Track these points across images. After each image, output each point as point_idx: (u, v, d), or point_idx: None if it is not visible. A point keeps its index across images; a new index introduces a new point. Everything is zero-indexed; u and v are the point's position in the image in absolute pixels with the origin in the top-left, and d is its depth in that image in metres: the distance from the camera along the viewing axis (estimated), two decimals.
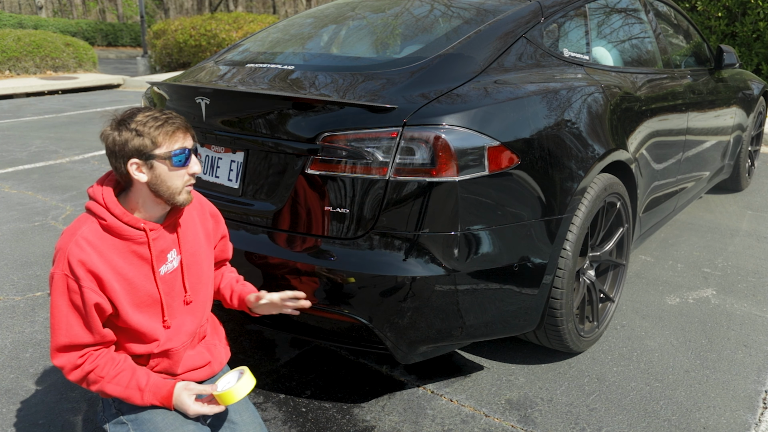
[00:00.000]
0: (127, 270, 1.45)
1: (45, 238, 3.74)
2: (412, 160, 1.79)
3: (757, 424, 2.06)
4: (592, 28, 2.71)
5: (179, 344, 1.57)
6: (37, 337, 2.57)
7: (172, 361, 1.57)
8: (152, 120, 1.40)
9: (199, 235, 1.63)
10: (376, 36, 2.58)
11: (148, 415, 1.49)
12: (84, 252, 1.39)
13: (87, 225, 1.43)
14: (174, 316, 1.56)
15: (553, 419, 2.07)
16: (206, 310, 1.67)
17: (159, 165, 1.41)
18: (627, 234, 2.63)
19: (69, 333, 1.41)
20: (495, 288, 1.97)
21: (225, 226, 1.78)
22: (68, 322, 1.41)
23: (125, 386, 1.46)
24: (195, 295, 1.61)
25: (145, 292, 1.49)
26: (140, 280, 1.48)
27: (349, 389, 2.23)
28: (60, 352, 1.43)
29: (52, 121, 8.27)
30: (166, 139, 1.40)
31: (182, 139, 1.44)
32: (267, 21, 14.85)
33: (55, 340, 1.42)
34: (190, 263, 1.59)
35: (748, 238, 3.85)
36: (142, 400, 1.47)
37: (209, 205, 1.73)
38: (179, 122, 1.44)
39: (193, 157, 1.47)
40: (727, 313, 2.83)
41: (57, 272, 1.39)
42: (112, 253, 1.43)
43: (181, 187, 1.45)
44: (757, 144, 5.26)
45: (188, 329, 1.59)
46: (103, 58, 22.88)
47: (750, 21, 8.73)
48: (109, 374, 1.45)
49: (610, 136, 2.35)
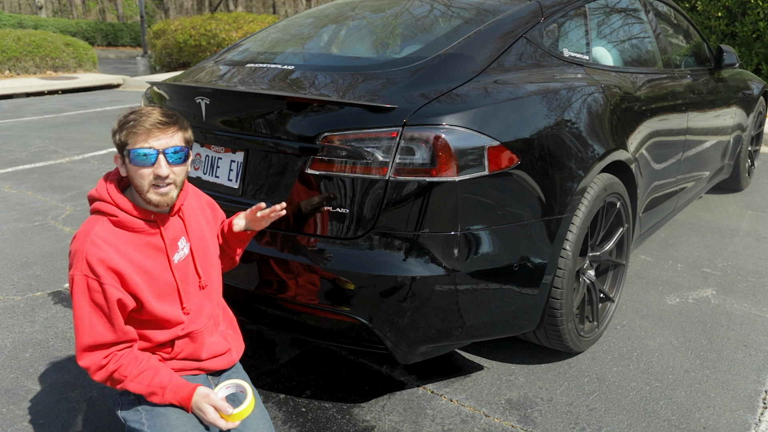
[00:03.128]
0: (145, 262, 1.48)
1: (45, 238, 3.73)
2: (412, 160, 1.79)
3: (757, 424, 2.06)
4: (592, 27, 2.71)
5: (201, 326, 1.62)
6: (37, 337, 2.57)
7: (196, 345, 1.61)
8: (132, 117, 1.44)
9: (202, 223, 1.68)
10: (376, 36, 2.58)
11: (164, 410, 1.51)
12: (102, 250, 1.41)
13: (99, 224, 1.45)
14: (191, 302, 1.60)
15: (553, 419, 2.07)
16: (219, 292, 1.73)
17: (127, 161, 1.45)
18: (627, 234, 2.63)
19: (92, 333, 1.43)
20: (495, 288, 1.97)
21: (222, 211, 1.82)
22: (91, 322, 1.43)
23: (147, 384, 1.49)
24: (208, 279, 1.66)
25: (164, 282, 1.53)
26: (158, 270, 1.51)
27: (349, 389, 2.23)
28: (85, 353, 1.45)
29: (52, 121, 8.27)
30: (130, 137, 1.43)
31: (145, 139, 1.42)
32: (267, 21, 14.85)
33: (80, 341, 1.44)
34: (199, 249, 1.63)
35: (748, 238, 3.85)
36: (163, 398, 1.49)
37: (204, 195, 1.77)
38: (152, 122, 1.43)
39: (160, 159, 1.43)
40: (727, 313, 2.83)
41: (77, 274, 1.41)
42: (128, 248, 1.46)
43: (147, 187, 1.45)
44: (757, 144, 5.26)
45: (209, 311, 1.65)
46: (103, 58, 22.88)
47: (750, 21, 8.73)
48: (132, 373, 1.48)
49: (610, 136, 2.35)
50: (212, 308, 1.68)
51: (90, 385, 2.22)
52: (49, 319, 2.72)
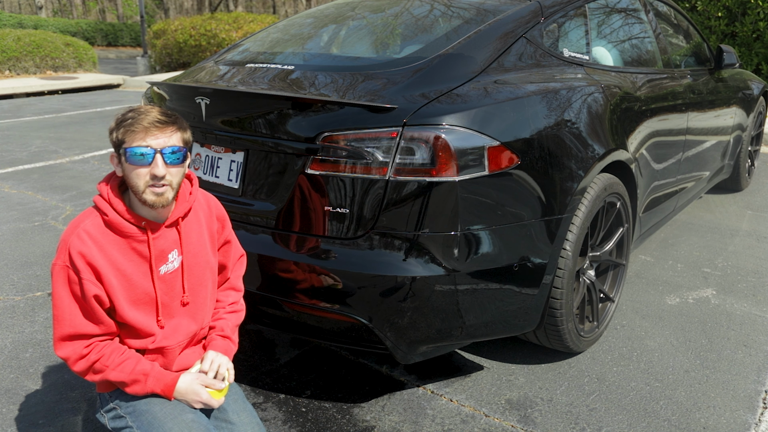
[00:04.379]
0: (126, 266, 1.46)
1: (45, 238, 3.74)
2: (412, 160, 1.79)
3: (757, 424, 2.06)
4: (592, 28, 2.71)
5: (175, 343, 1.56)
6: (37, 337, 2.57)
7: (166, 360, 1.57)
8: (130, 115, 1.42)
9: (203, 237, 1.62)
10: (376, 36, 2.58)
11: (146, 406, 1.49)
12: (84, 244, 1.40)
13: (90, 219, 1.45)
14: (171, 316, 1.56)
15: (553, 419, 2.07)
16: (207, 312, 1.65)
17: (123, 160, 1.43)
18: (627, 234, 2.63)
19: (73, 323, 1.42)
20: (495, 288, 1.97)
21: (232, 232, 1.75)
22: (72, 312, 1.42)
23: (129, 372, 1.46)
24: (193, 296, 1.60)
25: (142, 290, 1.49)
26: (138, 278, 1.48)
27: (349, 389, 2.23)
28: (64, 342, 1.44)
29: (52, 121, 8.27)
30: (128, 135, 1.41)
31: (143, 138, 1.40)
32: (267, 21, 14.85)
33: (60, 330, 1.43)
34: (191, 264, 1.58)
35: (748, 238, 3.85)
36: (145, 386, 1.47)
37: (218, 207, 1.70)
38: (150, 120, 1.41)
39: (157, 158, 1.41)
40: (727, 313, 2.83)
41: (58, 263, 1.41)
42: (112, 248, 1.44)
43: (143, 187, 1.42)
44: (757, 144, 5.26)
45: (187, 330, 1.58)
46: (103, 58, 22.88)
47: (750, 21, 8.73)
48: (114, 362, 1.46)
49: (610, 136, 2.35)
50: (194, 328, 1.60)
51: (90, 385, 2.22)
52: (49, 319, 2.72)
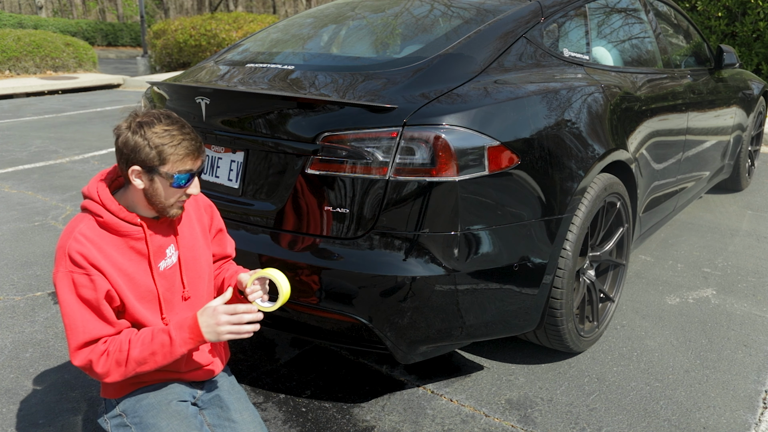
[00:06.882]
0: (126, 265, 1.45)
1: (45, 238, 3.74)
2: (412, 160, 1.79)
3: (757, 424, 2.06)
4: (592, 27, 2.71)
5: None
6: (37, 337, 2.57)
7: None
8: (169, 137, 1.38)
9: (195, 231, 1.63)
10: (376, 36, 2.58)
11: (153, 420, 1.48)
12: (83, 246, 1.38)
13: (84, 223, 1.43)
14: (174, 312, 1.56)
15: (553, 419, 2.07)
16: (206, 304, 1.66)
17: (159, 180, 1.41)
18: (627, 234, 2.63)
19: (86, 328, 1.38)
20: (495, 288, 1.97)
21: (221, 220, 1.76)
22: (84, 318, 1.38)
23: (151, 339, 1.42)
24: (193, 290, 1.60)
25: (145, 287, 1.49)
26: (140, 276, 1.48)
27: (349, 389, 2.23)
28: (81, 350, 1.39)
29: (52, 121, 8.27)
30: (176, 160, 1.40)
31: (191, 162, 1.43)
32: (267, 21, 14.85)
33: (74, 339, 1.38)
34: (187, 258, 1.59)
35: (748, 238, 3.85)
36: (171, 343, 1.41)
37: (203, 198, 1.73)
38: (193, 146, 1.42)
39: (195, 180, 1.46)
40: (727, 313, 2.83)
41: (60, 271, 1.38)
42: (110, 249, 1.43)
43: (174, 203, 1.45)
44: (757, 144, 5.26)
45: None
46: (103, 58, 22.88)
47: (750, 21, 8.73)
48: (132, 342, 1.42)
49: (610, 135, 2.35)
50: None
51: (90, 385, 2.22)
52: (49, 319, 2.72)
